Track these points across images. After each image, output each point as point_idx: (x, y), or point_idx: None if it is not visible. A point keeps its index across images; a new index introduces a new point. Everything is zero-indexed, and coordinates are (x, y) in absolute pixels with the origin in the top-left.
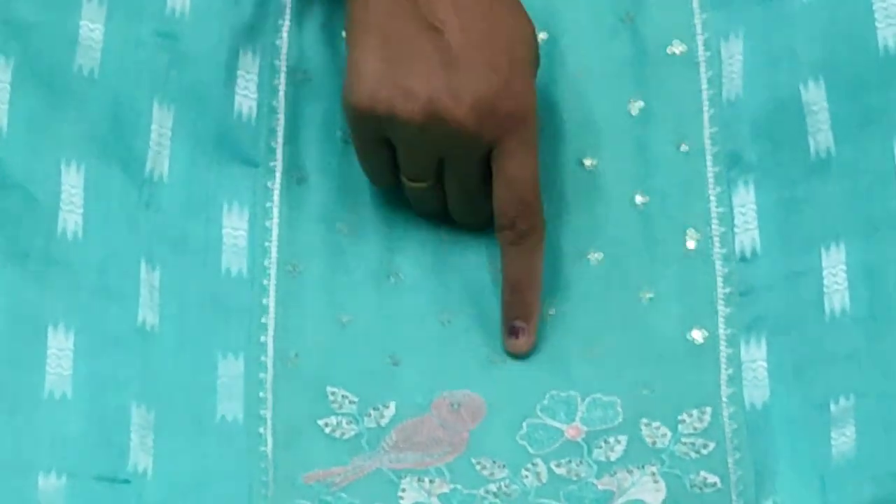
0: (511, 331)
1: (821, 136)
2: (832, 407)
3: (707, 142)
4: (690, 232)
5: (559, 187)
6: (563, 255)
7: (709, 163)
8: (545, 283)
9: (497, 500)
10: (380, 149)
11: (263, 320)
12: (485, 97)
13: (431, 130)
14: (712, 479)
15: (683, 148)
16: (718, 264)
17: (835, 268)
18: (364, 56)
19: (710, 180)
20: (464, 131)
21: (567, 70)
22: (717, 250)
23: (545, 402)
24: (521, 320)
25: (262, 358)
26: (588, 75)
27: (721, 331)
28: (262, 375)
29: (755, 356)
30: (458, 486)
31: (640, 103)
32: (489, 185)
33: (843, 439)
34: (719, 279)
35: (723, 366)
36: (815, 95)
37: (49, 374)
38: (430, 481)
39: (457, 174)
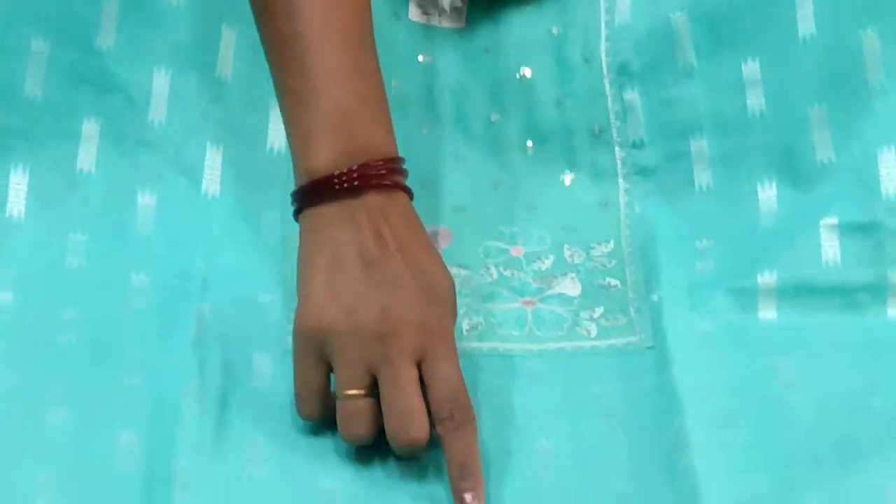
0: (463, 501)
1: (687, 53)
2: (697, 244)
3: (603, 55)
4: (596, 126)
5: (502, 95)
6: (506, 145)
7: (605, 71)
8: (481, 175)
9: (461, 287)
10: (317, 366)
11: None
12: (416, 313)
13: (370, 340)
14: (614, 281)
15: (588, 59)
16: (617, 149)
17: (701, 153)
18: (313, 289)
19: (607, 85)
20: (399, 339)
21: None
22: (616, 139)
23: (497, 233)
24: (471, 492)
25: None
26: (516, 9)
27: (622, 199)
28: (292, 220)
29: (646, 210)
30: None
31: (559, 28)
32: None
33: (705, 263)
34: (619, 161)
35: (622, 216)
36: (681, 23)
37: (138, 226)
38: None
39: (394, 380)
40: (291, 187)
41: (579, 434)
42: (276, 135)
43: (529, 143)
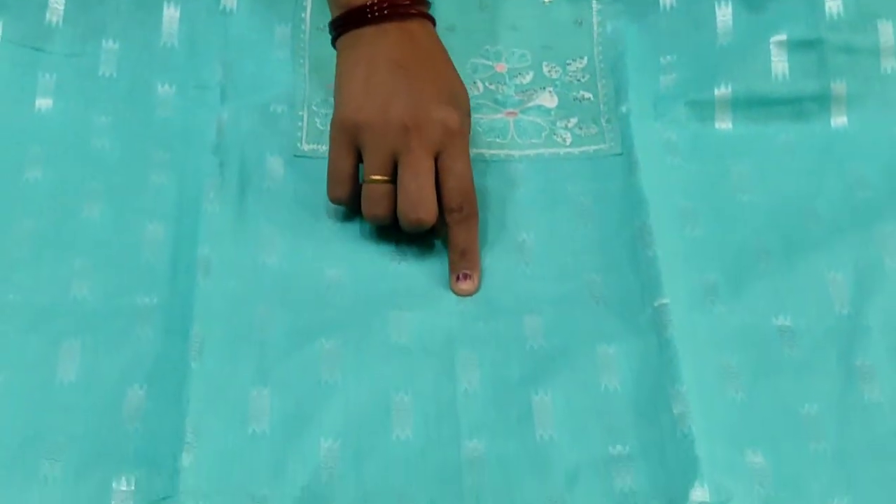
0: (459, 278)
1: None
2: (661, 60)
3: None
4: None
5: None
6: None
7: None
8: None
9: None
10: (350, 155)
11: (304, 3)
12: (439, 112)
13: (397, 132)
14: (587, 94)
15: None
16: None
17: None
18: (351, 90)
19: None
20: (422, 132)
21: None
22: None
23: (482, 51)
24: (468, 271)
25: (302, 27)
26: None
27: (595, 18)
28: (302, 36)
29: (616, 28)
30: None
31: None
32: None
33: (668, 77)
34: None
35: (595, 35)
36: None
37: (163, 37)
38: None
39: (412, 167)
40: (300, 2)
41: (555, 229)
42: None
43: None
